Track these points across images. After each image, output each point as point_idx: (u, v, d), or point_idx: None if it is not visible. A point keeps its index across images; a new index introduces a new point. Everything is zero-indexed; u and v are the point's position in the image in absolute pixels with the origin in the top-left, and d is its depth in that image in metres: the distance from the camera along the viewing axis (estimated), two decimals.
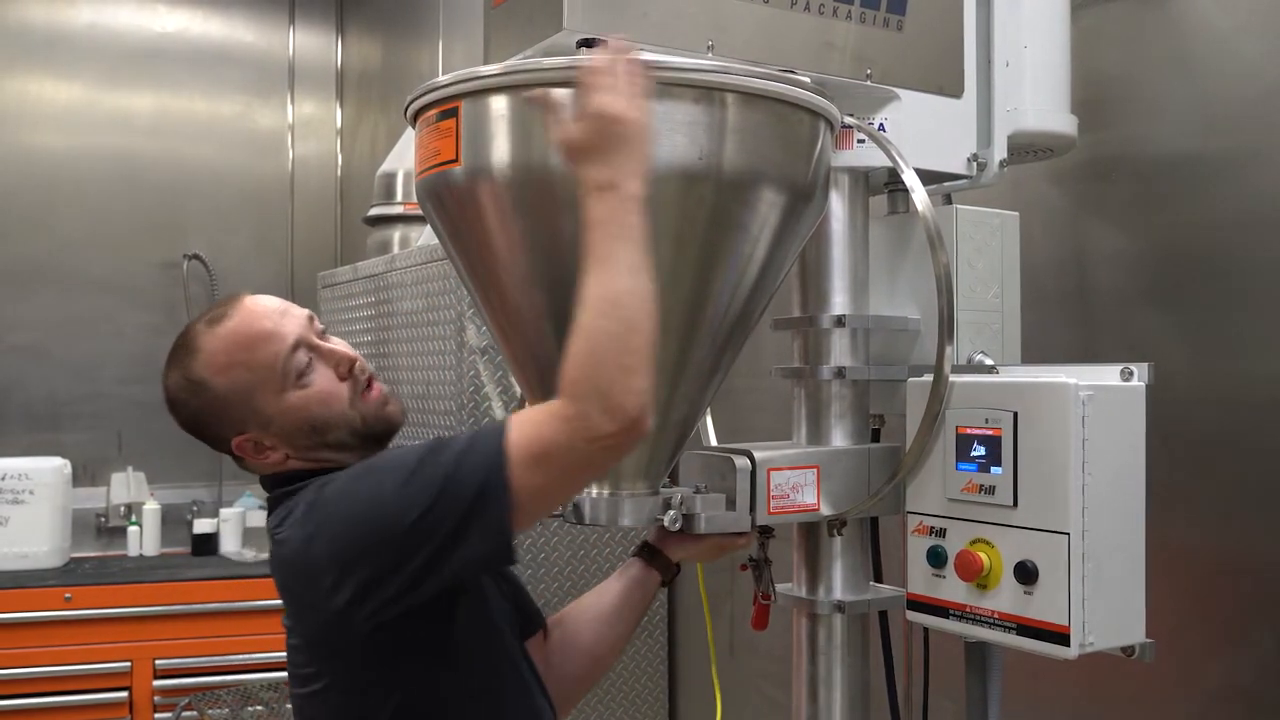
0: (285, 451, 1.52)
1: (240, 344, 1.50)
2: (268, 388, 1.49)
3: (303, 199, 5.45)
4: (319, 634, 1.47)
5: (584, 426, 1.25)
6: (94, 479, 4.90)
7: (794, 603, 1.70)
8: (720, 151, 1.36)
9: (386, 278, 3.56)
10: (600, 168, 1.26)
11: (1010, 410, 1.47)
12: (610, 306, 1.24)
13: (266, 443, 1.52)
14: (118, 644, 3.99)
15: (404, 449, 1.42)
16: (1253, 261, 1.81)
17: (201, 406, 1.53)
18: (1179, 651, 1.72)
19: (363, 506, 1.36)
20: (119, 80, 5.13)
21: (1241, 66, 1.85)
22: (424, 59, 4.60)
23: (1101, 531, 1.42)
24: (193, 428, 1.57)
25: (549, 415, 1.29)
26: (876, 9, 1.60)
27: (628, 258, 1.25)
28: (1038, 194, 2.10)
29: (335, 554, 1.37)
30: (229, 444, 1.54)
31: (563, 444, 1.27)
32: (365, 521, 1.35)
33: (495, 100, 1.37)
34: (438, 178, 1.42)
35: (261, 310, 1.53)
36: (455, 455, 1.32)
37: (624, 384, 1.24)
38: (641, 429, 1.27)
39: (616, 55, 1.28)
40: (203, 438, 1.57)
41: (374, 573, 1.34)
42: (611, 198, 1.26)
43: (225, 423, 1.52)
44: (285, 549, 1.45)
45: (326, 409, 1.51)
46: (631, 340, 1.24)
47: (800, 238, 1.52)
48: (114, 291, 5.03)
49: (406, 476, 1.33)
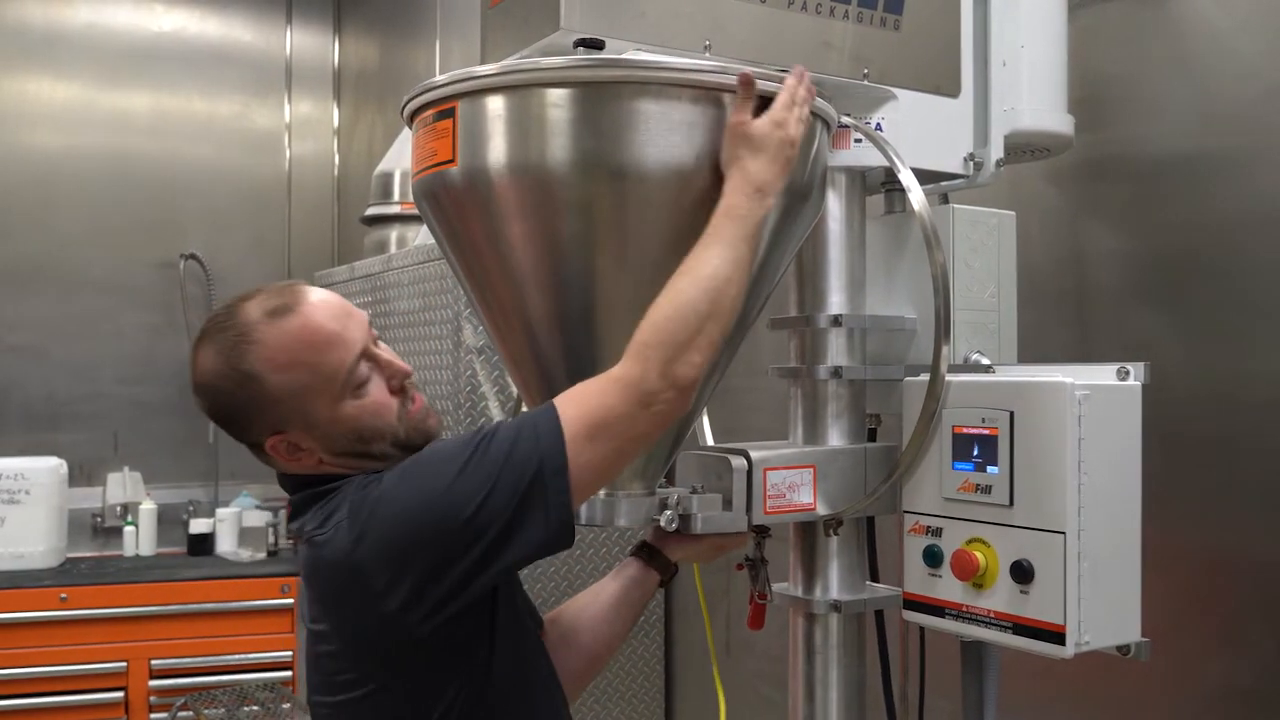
0: (320, 456, 1.46)
1: (307, 345, 1.42)
2: (326, 394, 1.42)
3: (300, 199, 5.45)
4: (367, 638, 1.41)
5: (642, 390, 1.30)
6: (90, 479, 4.89)
7: (790, 602, 1.70)
8: (717, 152, 1.36)
9: (383, 277, 3.56)
10: (764, 167, 1.35)
11: (1007, 410, 1.47)
12: (709, 286, 1.32)
13: (304, 445, 1.45)
14: (113, 644, 3.99)
15: (447, 442, 1.41)
16: (1249, 262, 1.82)
17: (246, 400, 1.43)
18: (1175, 651, 1.72)
19: (415, 503, 1.33)
20: (116, 80, 5.13)
21: (1240, 66, 1.85)
22: (421, 59, 4.60)
23: (1097, 531, 1.42)
24: (225, 417, 1.47)
25: (605, 383, 1.33)
26: (873, 8, 1.60)
27: (742, 254, 1.34)
28: (1034, 193, 2.10)
29: (388, 554, 1.33)
30: (261, 440, 1.46)
31: (619, 410, 1.31)
32: (419, 518, 1.32)
33: (492, 100, 1.36)
34: (434, 178, 1.42)
35: (327, 310, 1.45)
36: (508, 441, 1.32)
37: (688, 356, 1.31)
38: (688, 399, 1.33)
39: (803, 81, 1.40)
40: (231, 428, 1.48)
41: (430, 571, 1.31)
42: (757, 199, 1.35)
43: (265, 420, 1.44)
44: (327, 550, 1.39)
45: (377, 420, 1.46)
46: (711, 324, 1.32)
47: (797, 237, 1.52)
48: (111, 291, 5.03)
49: (459, 469, 1.32)
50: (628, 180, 1.34)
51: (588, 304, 1.41)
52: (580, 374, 1.41)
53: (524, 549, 1.33)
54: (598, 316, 1.41)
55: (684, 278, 1.32)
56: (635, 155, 1.33)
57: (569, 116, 1.33)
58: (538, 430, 1.32)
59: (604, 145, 1.33)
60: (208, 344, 1.47)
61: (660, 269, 1.35)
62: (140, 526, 4.67)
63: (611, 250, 1.38)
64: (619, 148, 1.33)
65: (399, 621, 1.34)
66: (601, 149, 1.33)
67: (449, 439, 1.42)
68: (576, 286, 1.40)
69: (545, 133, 1.34)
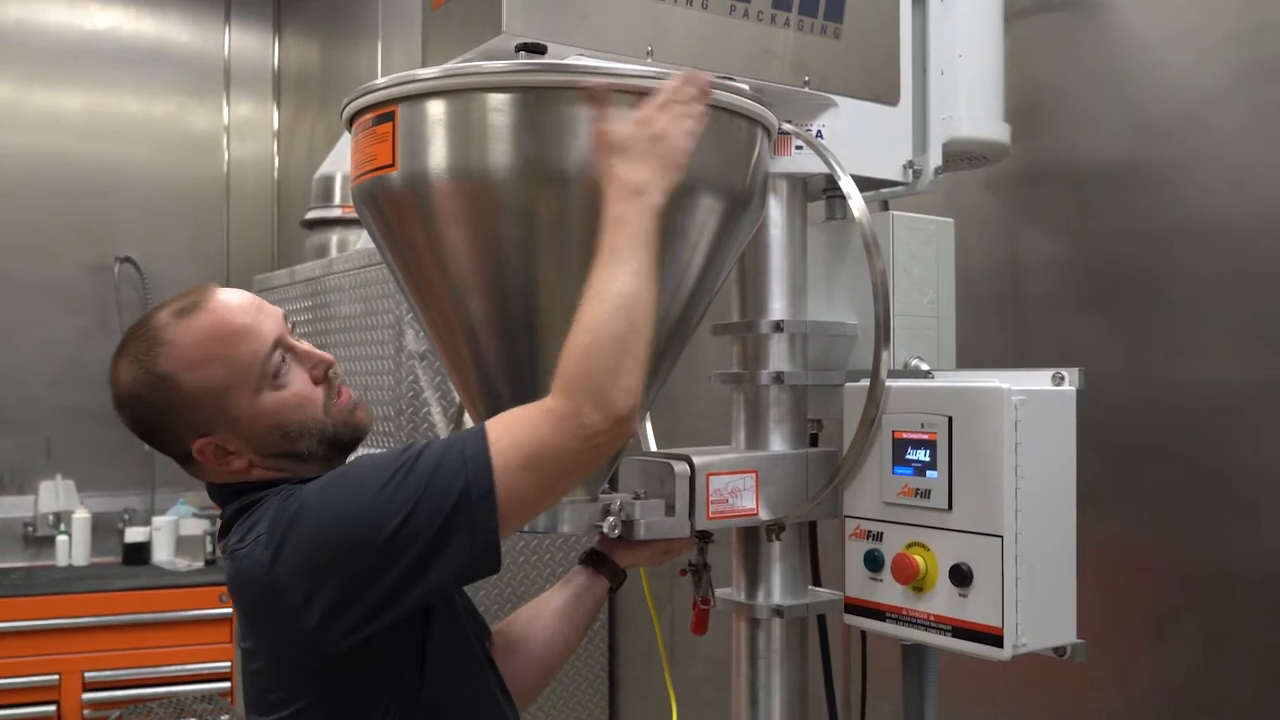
0: (250, 458, 1.44)
1: (217, 338, 1.40)
2: (243, 387, 1.41)
3: (238, 202, 5.38)
4: (289, 655, 1.39)
5: (577, 424, 1.25)
6: (21, 487, 4.79)
7: (733, 607, 1.71)
8: None
9: (324, 282, 3.52)
10: (635, 169, 1.30)
11: (945, 415, 1.48)
12: (619, 305, 1.27)
13: (231, 448, 1.43)
14: (45, 656, 3.91)
15: (373, 456, 1.36)
16: (1180, 269, 1.86)
17: (164, 404, 1.41)
18: (1109, 651, 1.75)
19: (334, 518, 1.30)
20: (48, 79, 5.03)
21: (1170, 78, 1.89)
22: (363, 61, 4.56)
23: (1034, 534, 1.44)
24: (146, 428, 1.45)
25: (540, 414, 1.28)
26: (814, 16, 1.61)
27: (641, 262, 1.29)
28: (972, 201, 2.13)
29: (304, 569, 1.30)
30: (188, 447, 1.43)
31: (555, 444, 1.27)
32: (337, 533, 1.29)
33: (433, 105, 1.35)
34: (374, 182, 1.41)
35: (237, 305, 1.44)
36: (433, 462, 1.28)
37: (620, 382, 1.26)
38: (630, 428, 1.29)
39: (689, 82, 1.34)
40: (155, 440, 1.46)
41: (347, 588, 1.28)
42: (637, 202, 1.30)
43: (188, 423, 1.42)
44: (247, 564, 1.36)
45: (301, 413, 1.44)
46: (633, 342, 1.27)
47: (739, 243, 1.52)
48: (43, 295, 4.92)
49: (380, 485, 1.28)
50: (568, 185, 1.33)
51: (529, 309, 1.40)
52: (521, 380, 1.41)
53: (446, 572, 1.29)
54: (539, 321, 1.41)
55: (593, 302, 1.28)
56: (576, 160, 1.32)
57: (509, 121, 1.33)
58: (465, 453, 1.28)
59: (544, 150, 1.33)
60: (123, 356, 1.44)
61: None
62: (74, 536, 4.58)
63: (553, 255, 1.38)
64: (559, 152, 1.32)
65: (317, 639, 1.31)
66: (542, 154, 1.33)
67: (376, 454, 1.37)
68: (517, 291, 1.39)
69: (486, 137, 1.33)
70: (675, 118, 1.32)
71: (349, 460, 1.52)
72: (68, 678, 3.91)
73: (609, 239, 1.30)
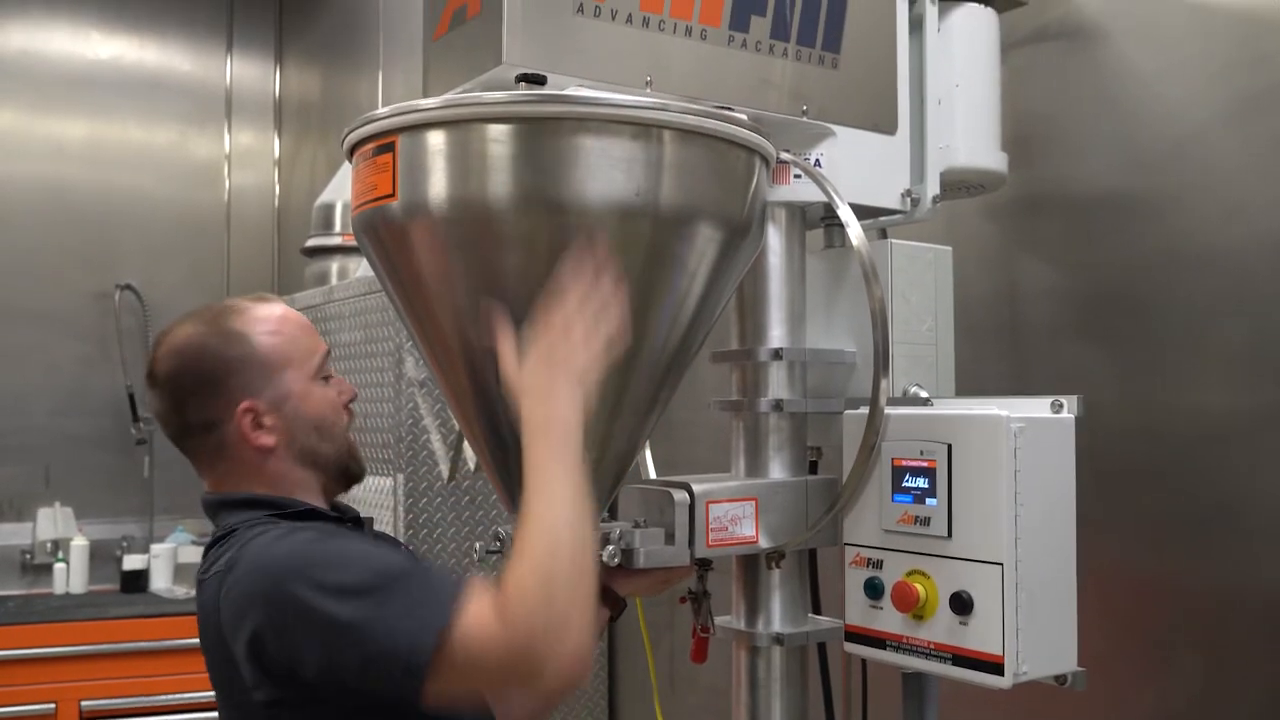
0: (277, 439, 1.51)
1: (290, 320, 1.58)
2: (301, 369, 1.55)
3: (239, 229, 5.39)
4: (229, 694, 1.45)
5: (525, 670, 1.24)
6: (20, 514, 4.77)
7: (733, 635, 1.70)
8: (657, 188, 1.36)
9: (324, 309, 3.53)
10: (540, 406, 1.30)
11: (944, 442, 1.49)
12: (554, 544, 1.25)
13: (267, 422, 1.51)
14: (42, 685, 3.88)
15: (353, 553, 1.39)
16: (1177, 297, 1.86)
17: (228, 356, 1.51)
18: (1110, 679, 1.74)
19: (292, 579, 1.34)
20: (51, 108, 5.05)
21: (1164, 108, 1.90)
22: (363, 90, 4.58)
23: (1034, 562, 1.44)
24: (201, 378, 1.51)
25: (500, 636, 1.24)
26: (812, 47, 1.63)
27: (567, 490, 1.28)
28: (970, 229, 2.14)
29: (243, 613, 1.36)
30: (229, 411, 1.49)
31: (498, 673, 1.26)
32: (287, 591, 1.33)
33: (433, 135, 1.36)
34: (374, 212, 1.42)
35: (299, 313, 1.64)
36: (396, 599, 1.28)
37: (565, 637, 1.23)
38: (576, 684, 1.27)
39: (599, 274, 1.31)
40: (201, 392, 1.51)
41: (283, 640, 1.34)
42: (545, 441, 1.29)
43: (242, 381, 1.50)
44: (203, 596, 1.45)
45: (336, 418, 1.58)
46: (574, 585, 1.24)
47: (737, 272, 1.53)
48: (44, 322, 4.93)
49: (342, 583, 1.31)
50: (567, 215, 1.34)
51: (528, 338, 1.40)
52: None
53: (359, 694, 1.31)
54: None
55: (526, 543, 1.26)
56: (574, 190, 1.33)
57: (509, 152, 1.33)
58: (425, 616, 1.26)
59: (543, 180, 1.33)
60: (185, 324, 1.56)
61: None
62: (71, 563, 4.56)
63: (552, 284, 1.38)
64: (558, 183, 1.33)
65: (246, 689, 1.38)
66: (541, 184, 1.33)
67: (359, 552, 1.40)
68: (516, 321, 1.39)
69: (485, 168, 1.34)
70: (586, 335, 1.30)
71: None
72: (64, 706, 3.89)
73: (527, 478, 1.29)
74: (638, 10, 1.47)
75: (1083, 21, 2.02)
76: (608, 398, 1.44)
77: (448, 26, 1.49)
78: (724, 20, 1.54)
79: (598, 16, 1.44)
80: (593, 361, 1.31)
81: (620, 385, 1.45)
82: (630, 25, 1.46)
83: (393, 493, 3.02)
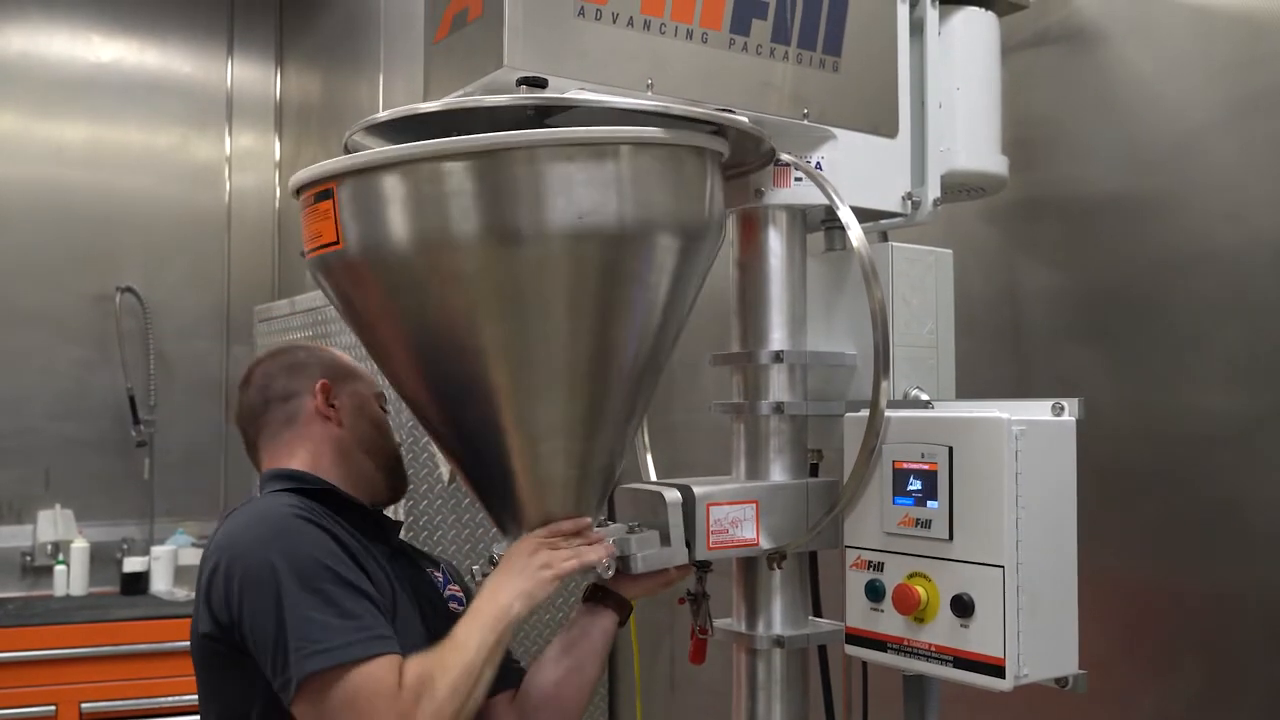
0: (341, 421, 1.74)
1: (352, 361, 1.87)
2: (368, 386, 1.81)
3: (240, 232, 5.39)
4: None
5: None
6: (20, 517, 4.77)
7: (733, 638, 1.70)
8: (604, 207, 1.35)
9: (324, 312, 3.52)
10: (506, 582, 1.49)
11: (945, 445, 1.49)
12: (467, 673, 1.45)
13: (338, 403, 1.74)
14: (42, 687, 3.88)
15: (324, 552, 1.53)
16: (1177, 299, 1.86)
17: (313, 355, 1.80)
18: (1111, 682, 1.74)
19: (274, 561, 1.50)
20: (52, 110, 5.05)
21: (1164, 110, 1.91)
22: (364, 92, 4.58)
23: (1035, 564, 1.44)
24: (283, 367, 1.78)
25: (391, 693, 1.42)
26: (813, 50, 1.63)
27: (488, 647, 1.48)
28: (971, 232, 2.14)
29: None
30: (310, 385, 1.74)
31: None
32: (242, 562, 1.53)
33: (370, 181, 1.36)
34: (321, 260, 1.43)
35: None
36: (334, 610, 1.46)
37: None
38: None
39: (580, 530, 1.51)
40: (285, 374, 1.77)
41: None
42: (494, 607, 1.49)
43: (321, 371, 1.77)
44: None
45: (388, 438, 1.81)
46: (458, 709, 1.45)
47: (701, 272, 1.51)
48: (45, 324, 4.92)
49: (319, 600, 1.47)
50: (513, 246, 1.34)
51: (489, 372, 1.42)
52: (492, 442, 1.47)
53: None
54: (500, 383, 1.43)
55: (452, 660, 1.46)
56: (518, 222, 1.33)
57: (444, 191, 1.33)
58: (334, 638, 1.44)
59: (485, 214, 1.33)
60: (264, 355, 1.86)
61: (560, 327, 1.39)
62: (71, 565, 4.56)
63: (510, 318, 1.39)
64: (501, 215, 1.33)
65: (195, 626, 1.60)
66: (482, 218, 1.33)
67: (327, 549, 1.54)
68: (476, 354, 1.41)
69: (422, 209, 1.34)
70: (563, 557, 1.49)
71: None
72: (64, 708, 3.89)
73: (473, 612, 1.50)
74: (638, 13, 1.47)
75: (1083, 24, 2.02)
76: (581, 417, 1.45)
77: (448, 29, 1.50)
78: (725, 23, 1.54)
79: (599, 19, 1.44)
80: (541, 586, 1.49)
81: (592, 404, 1.45)
82: (631, 28, 1.47)
83: None
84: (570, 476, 1.48)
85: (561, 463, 1.47)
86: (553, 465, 1.47)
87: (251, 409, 1.78)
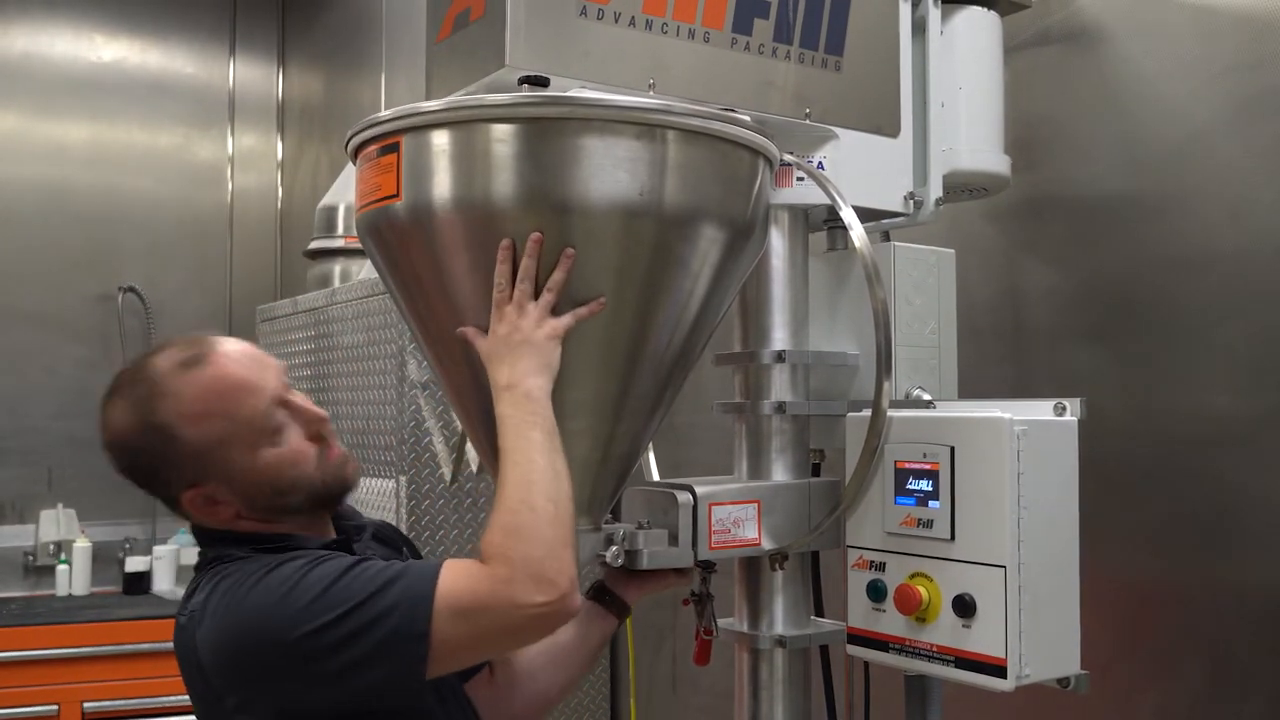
0: (237, 509, 1.44)
1: (220, 394, 1.41)
2: (241, 444, 1.41)
3: (242, 232, 5.39)
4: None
5: (511, 593, 1.28)
6: (22, 516, 4.78)
7: (736, 638, 1.70)
8: (661, 188, 1.37)
9: (327, 312, 3.53)
10: (501, 370, 1.36)
11: (947, 445, 1.49)
12: (528, 493, 1.31)
13: (220, 498, 1.43)
14: (44, 686, 3.89)
15: (326, 563, 1.35)
16: (1179, 299, 1.86)
17: (159, 455, 1.42)
18: (1113, 682, 1.74)
19: (264, 613, 1.32)
20: (54, 110, 5.06)
21: (1167, 110, 1.90)
22: (366, 93, 4.59)
23: (1037, 564, 1.44)
24: (139, 474, 1.46)
25: (483, 573, 1.30)
26: (815, 50, 1.63)
27: (534, 444, 1.33)
28: (973, 232, 2.14)
29: (227, 655, 1.34)
30: (178, 495, 1.44)
31: (490, 605, 1.29)
32: (262, 628, 1.31)
33: (437, 136, 1.36)
34: (378, 213, 1.42)
35: (240, 358, 1.45)
36: (379, 581, 1.30)
37: (552, 560, 1.29)
38: (571, 606, 1.31)
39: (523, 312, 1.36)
40: (146, 485, 1.47)
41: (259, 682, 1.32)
42: (509, 395, 1.35)
43: (180, 474, 1.42)
44: (181, 635, 1.41)
45: (295, 469, 1.44)
46: (550, 524, 1.30)
47: (740, 274, 1.53)
48: (47, 324, 4.93)
49: (319, 593, 1.30)
50: (570, 215, 1.34)
51: None
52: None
53: (363, 697, 1.31)
54: None
55: (502, 496, 1.32)
56: (577, 190, 1.33)
57: (513, 152, 1.34)
58: (410, 587, 1.30)
59: (547, 180, 1.34)
60: (118, 400, 1.46)
61: (605, 303, 1.37)
62: (74, 565, 4.56)
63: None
64: (560, 183, 1.34)
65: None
66: (545, 184, 1.34)
67: (330, 564, 1.35)
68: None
69: (489, 168, 1.34)
70: (534, 323, 1.35)
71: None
72: (67, 708, 3.89)
73: (500, 441, 1.35)
74: (640, 13, 1.47)
75: (1085, 24, 2.02)
76: (610, 399, 1.44)
77: (451, 29, 1.50)
78: (727, 23, 1.54)
79: (600, 19, 1.44)
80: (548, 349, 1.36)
81: (623, 387, 1.45)
82: (633, 28, 1.47)
83: (395, 495, 3.02)
84: (592, 459, 1.46)
85: (586, 443, 1.46)
86: (577, 445, 1.44)
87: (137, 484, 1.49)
